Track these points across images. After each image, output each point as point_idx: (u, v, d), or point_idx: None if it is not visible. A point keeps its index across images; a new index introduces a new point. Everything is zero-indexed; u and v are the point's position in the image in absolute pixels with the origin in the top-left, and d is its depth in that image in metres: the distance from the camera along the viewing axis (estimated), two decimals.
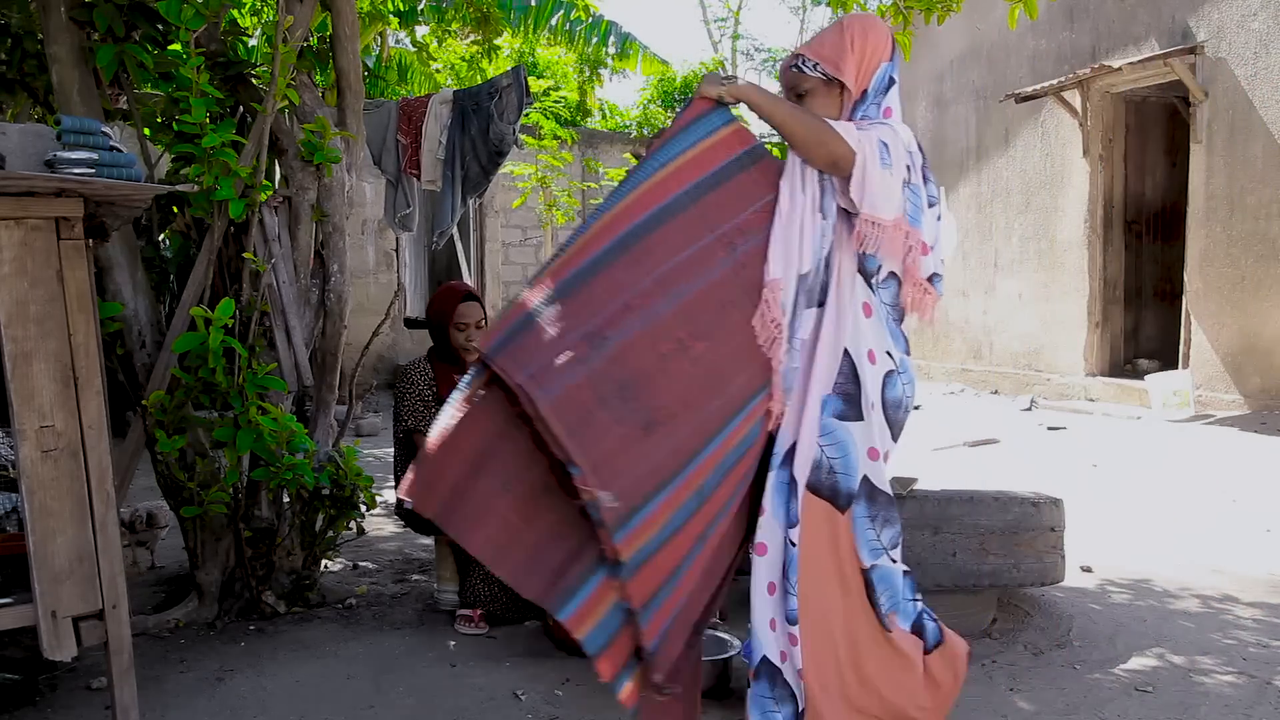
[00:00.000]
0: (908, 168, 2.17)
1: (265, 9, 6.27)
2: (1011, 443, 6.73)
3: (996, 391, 9.39)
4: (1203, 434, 6.64)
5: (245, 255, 3.13)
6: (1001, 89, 9.11)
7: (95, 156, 2.12)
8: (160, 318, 3.28)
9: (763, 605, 2.18)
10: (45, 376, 2.05)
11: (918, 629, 2.25)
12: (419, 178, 5.44)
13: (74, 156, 2.09)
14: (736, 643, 2.77)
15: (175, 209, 3.49)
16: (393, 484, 5.25)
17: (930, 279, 2.30)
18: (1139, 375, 8.23)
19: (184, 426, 2.98)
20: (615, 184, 2.13)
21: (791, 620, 2.13)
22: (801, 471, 2.12)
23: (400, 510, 3.50)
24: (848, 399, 2.15)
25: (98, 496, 2.10)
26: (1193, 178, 7.60)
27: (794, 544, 2.12)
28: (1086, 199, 8.52)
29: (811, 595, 2.14)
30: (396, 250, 10.44)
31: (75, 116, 2.37)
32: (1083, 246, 8.60)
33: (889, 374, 2.18)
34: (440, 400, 3.30)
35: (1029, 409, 8.31)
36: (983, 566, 2.92)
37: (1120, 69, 7.65)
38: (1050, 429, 7.18)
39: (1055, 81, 8.29)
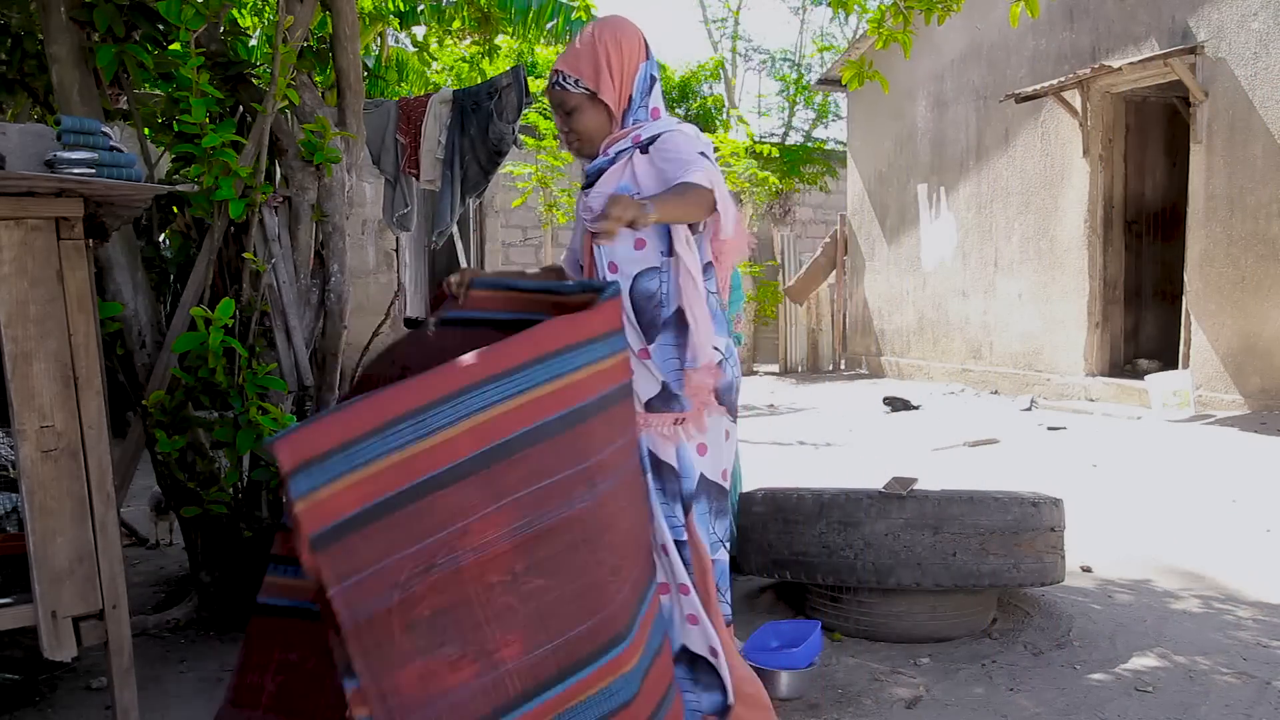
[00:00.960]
0: (713, 156, 2.22)
1: (265, 9, 6.28)
2: (1011, 443, 6.73)
3: (996, 391, 9.40)
4: (1203, 434, 6.64)
5: (245, 255, 3.13)
6: (1001, 89, 9.11)
7: (95, 156, 2.12)
8: (160, 318, 3.28)
9: (678, 601, 2.25)
10: (45, 376, 2.05)
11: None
12: (418, 177, 5.44)
13: (74, 156, 2.09)
14: (737, 642, 2.77)
15: (175, 209, 3.49)
16: None
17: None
18: (1139, 375, 8.23)
19: (184, 426, 2.98)
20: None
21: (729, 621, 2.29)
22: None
23: None
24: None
25: (98, 496, 2.10)
26: (1193, 178, 7.61)
27: (722, 559, 2.27)
28: (1086, 199, 8.52)
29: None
30: (396, 250, 10.45)
31: (75, 116, 2.37)
32: (1083, 246, 8.60)
33: (719, 365, 2.24)
34: None
35: (1029, 409, 8.31)
36: (983, 566, 2.92)
37: (1120, 69, 7.65)
38: (1050, 429, 7.18)
39: (1055, 81, 8.29)
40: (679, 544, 2.22)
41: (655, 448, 2.22)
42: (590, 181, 2.29)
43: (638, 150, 2.22)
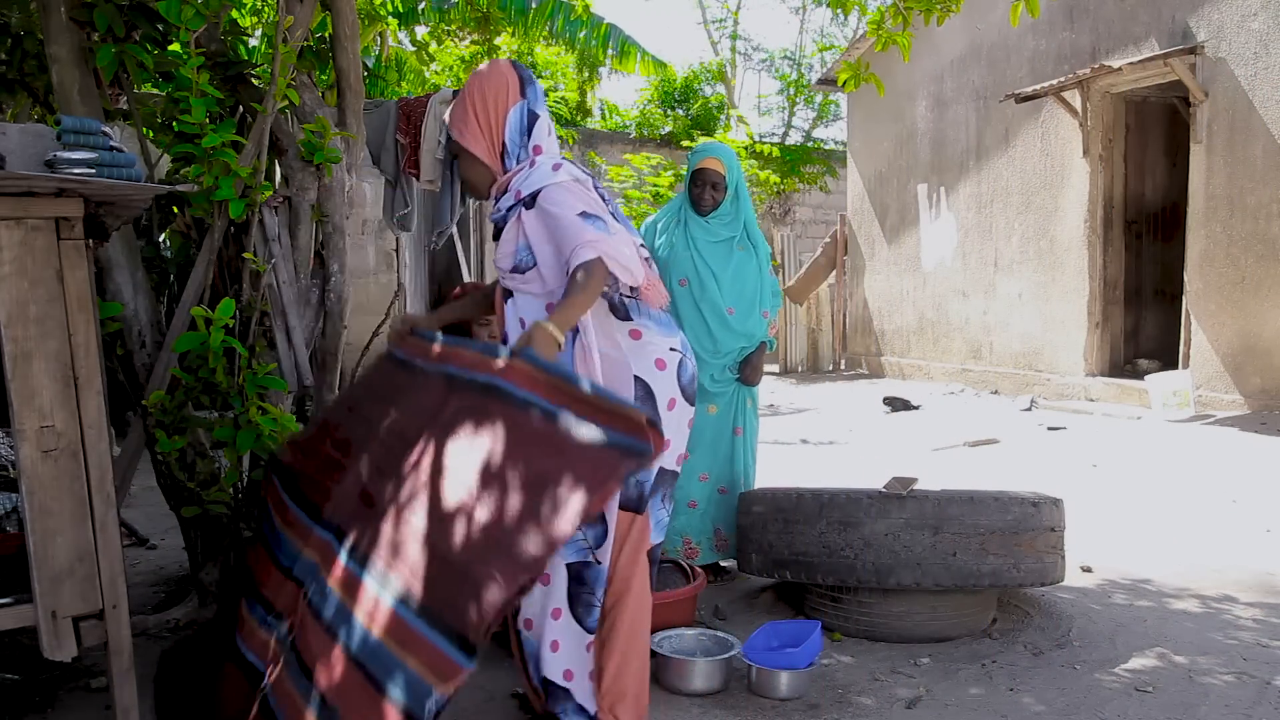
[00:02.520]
0: (594, 200, 2.27)
1: (265, 9, 6.28)
2: (1011, 443, 6.73)
3: (996, 391, 9.40)
4: (1203, 434, 6.64)
5: (245, 255, 3.13)
6: (1001, 89, 9.11)
7: (95, 156, 2.12)
8: (160, 318, 3.28)
9: (545, 628, 2.29)
10: (45, 376, 2.05)
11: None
12: (418, 177, 5.44)
13: (74, 156, 2.09)
14: (736, 642, 2.78)
15: (175, 209, 3.49)
16: None
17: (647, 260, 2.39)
18: (1139, 375, 8.23)
19: (184, 426, 2.97)
20: (613, 183, 2.23)
21: (590, 630, 2.27)
22: (613, 505, 2.24)
23: None
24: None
25: (98, 496, 2.10)
26: (1193, 178, 7.60)
27: (599, 561, 2.25)
28: (1086, 199, 8.52)
29: (624, 603, 2.29)
30: (396, 250, 10.43)
31: (75, 116, 2.37)
32: (1083, 246, 8.60)
33: (680, 362, 2.36)
34: None
35: (1029, 409, 8.31)
36: (983, 566, 2.92)
37: (1120, 69, 7.65)
38: (1050, 429, 7.18)
39: (1055, 81, 8.29)
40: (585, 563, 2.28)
41: None
42: (496, 233, 2.38)
43: (523, 207, 2.27)
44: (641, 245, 2.37)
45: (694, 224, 3.56)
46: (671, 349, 2.36)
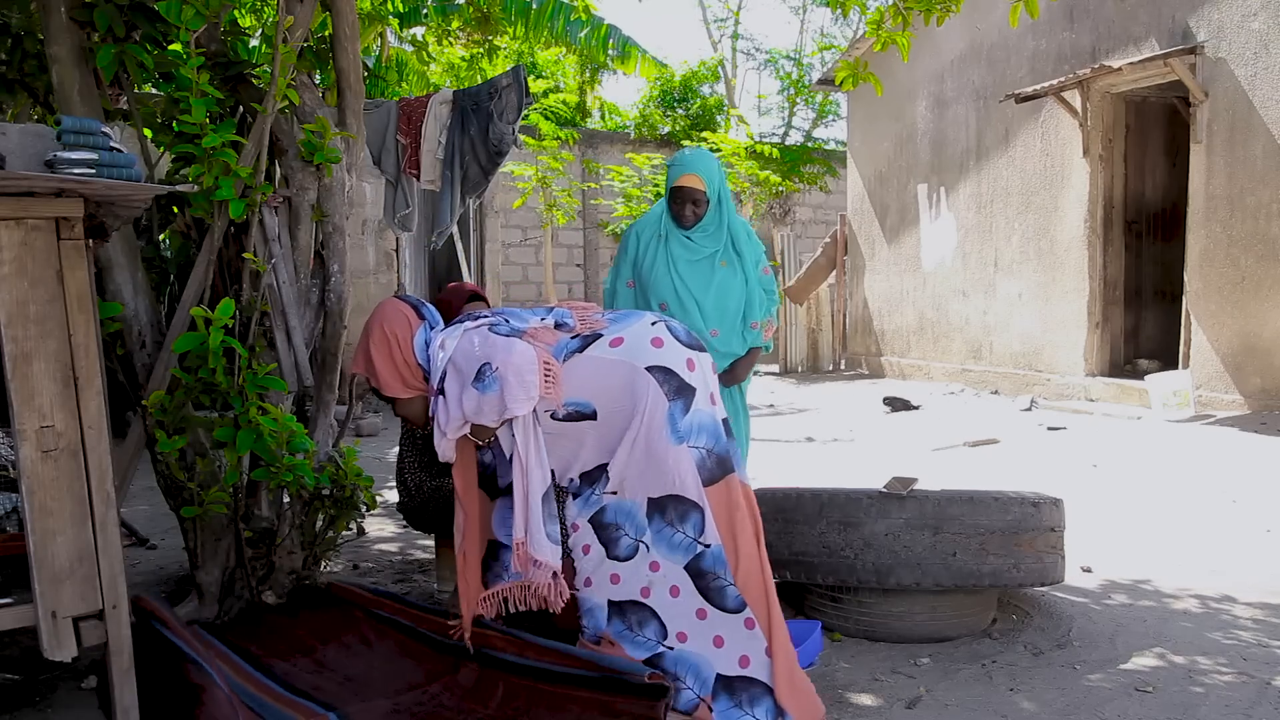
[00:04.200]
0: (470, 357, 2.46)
1: (265, 9, 6.28)
2: (1011, 443, 6.73)
3: (996, 391, 9.40)
4: (1203, 434, 6.64)
5: (245, 255, 3.13)
6: (1001, 89, 9.11)
7: (95, 156, 2.12)
8: (160, 318, 3.27)
9: (700, 631, 2.39)
10: (45, 376, 2.05)
11: None
12: (418, 177, 5.44)
13: (74, 156, 2.09)
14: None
15: (175, 209, 3.48)
16: (392, 484, 5.25)
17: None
18: (1139, 375, 8.23)
19: (184, 426, 2.97)
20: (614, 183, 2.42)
21: (738, 609, 2.36)
22: (697, 492, 2.40)
23: (401, 508, 3.51)
24: (679, 390, 2.42)
25: (98, 496, 2.10)
26: (1193, 178, 7.60)
27: (707, 545, 2.37)
28: (1086, 199, 8.52)
29: (748, 572, 2.37)
30: (396, 250, 10.45)
31: (75, 116, 2.37)
32: (1083, 246, 8.60)
33: (669, 328, 2.51)
34: None
35: (1029, 409, 8.31)
36: (983, 566, 2.92)
37: (1120, 69, 7.65)
38: (1050, 429, 7.18)
39: (1055, 81, 8.29)
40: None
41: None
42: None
43: (440, 395, 2.49)
44: (544, 317, 2.55)
45: (675, 241, 3.39)
46: (653, 324, 2.49)
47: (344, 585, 3.31)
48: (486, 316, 2.54)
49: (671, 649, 2.40)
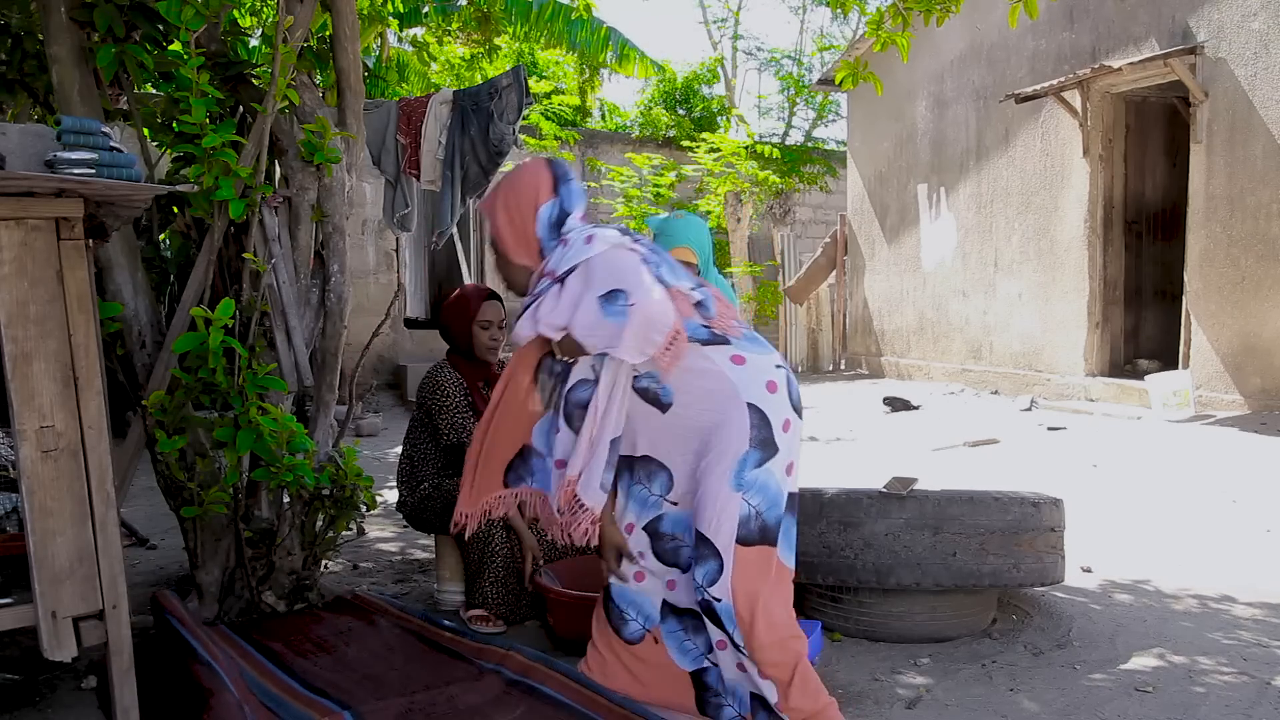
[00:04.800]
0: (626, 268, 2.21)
1: (265, 9, 6.28)
2: (1011, 443, 6.73)
3: (996, 391, 9.40)
4: (1203, 434, 6.64)
5: (245, 255, 3.13)
6: (1001, 89, 9.11)
7: (95, 156, 2.12)
8: (160, 318, 3.28)
9: (725, 660, 2.32)
10: (45, 376, 2.05)
11: None
12: (418, 178, 5.44)
13: (74, 157, 2.09)
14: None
15: (175, 209, 3.48)
16: (392, 484, 5.25)
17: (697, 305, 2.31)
18: (1139, 375, 8.22)
19: (184, 426, 2.97)
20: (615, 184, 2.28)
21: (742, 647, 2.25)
22: (726, 543, 2.20)
23: (401, 507, 3.51)
24: (764, 443, 2.23)
25: (98, 496, 2.10)
26: (1193, 178, 7.60)
27: (717, 599, 2.22)
28: (1086, 199, 8.52)
29: (769, 644, 2.22)
30: (396, 250, 10.44)
31: (75, 116, 2.37)
32: (1083, 246, 8.60)
33: (787, 379, 2.31)
34: (472, 406, 3.36)
35: (1029, 409, 8.31)
36: (983, 566, 2.92)
37: (1120, 69, 7.65)
38: (1050, 429, 7.18)
39: (1055, 81, 8.29)
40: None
41: None
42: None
43: (558, 285, 2.24)
44: (694, 288, 2.30)
45: None
46: (777, 366, 2.30)
47: (367, 597, 3.34)
48: (644, 245, 2.31)
49: (716, 665, 2.36)
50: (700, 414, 2.27)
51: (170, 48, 3.27)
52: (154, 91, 3.61)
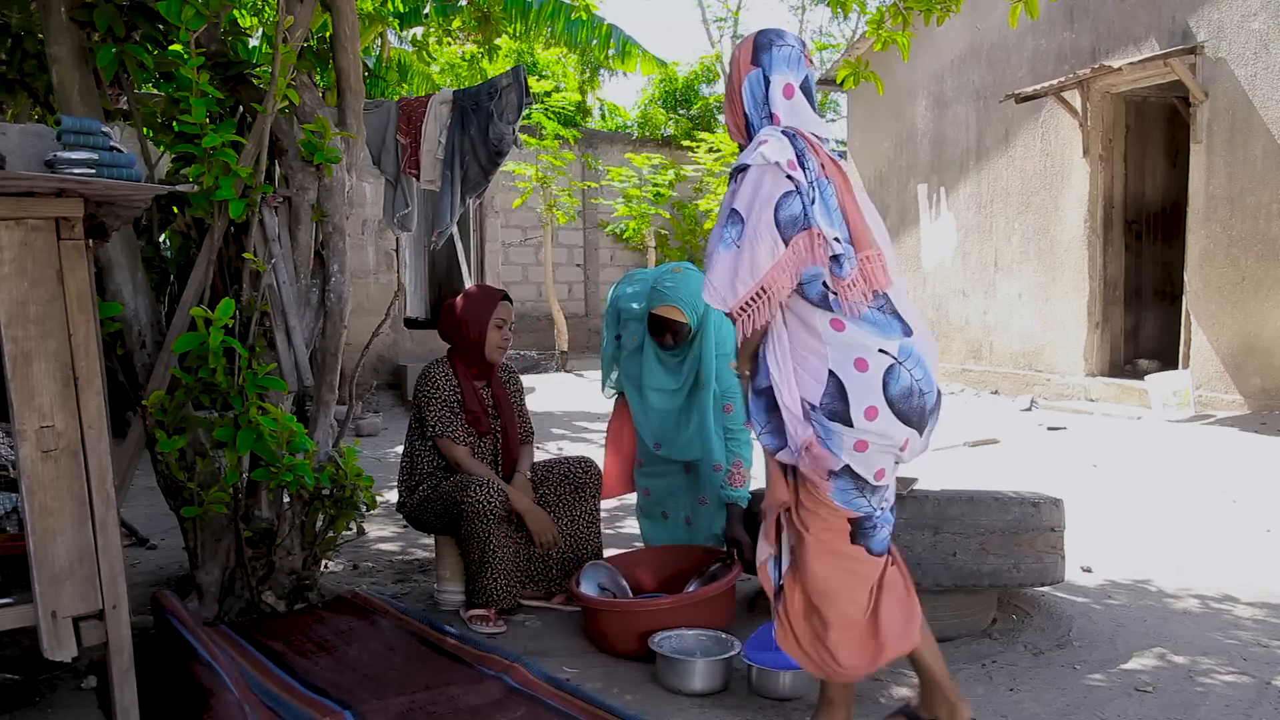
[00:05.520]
0: (762, 195, 2.07)
1: (265, 9, 6.28)
2: (1011, 443, 6.73)
3: (996, 391, 9.39)
4: (1203, 434, 6.64)
5: (245, 255, 3.13)
6: (1001, 89, 9.11)
7: (95, 156, 2.12)
8: (160, 318, 3.28)
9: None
10: (45, 376, 2.05)
11: None
12: (418, 178, 5.44)
13: (74, 156, 2.09)
14: (737, 642, 2.78)
15: (175, 209, 3.49)
16: (393, 484, 5.26)
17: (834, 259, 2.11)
18: (1139, 375, 8.22)
19: (184, 426, 2.97)
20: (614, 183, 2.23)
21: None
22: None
23: (401, 507, 3.51)
24: (835, 413, 2.12)
25: (98, 496, 2.10)
26: (1193, 178, 7.60)
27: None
28: (1086, 199, 8.52)
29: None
30: (396, 250, 10.44)
31: (75, 116, 2.37)
32: (1083, 246, 8.60)
33: (890, 369, 2.13)
34: (463, 405, 3.37)
35: (1029, 409, 8.31)
36: (983, 566, 2.92)
37: (1120, 69, 7.65)
38: (1050, 429, 7.18)
39: (1055, 81, 8.29)
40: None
41: None
42: None
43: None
44: (836, 239, 2.08)
45: (649, 358, 3.43)
46: (881, 350, 2.11)
47: (367, 597, 3.36)
48: (811, 165, 2.10)
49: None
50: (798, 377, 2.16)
51: (170, 48, 3.27)
52: (154, 91, 3.61)
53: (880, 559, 2.25)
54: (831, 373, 2.11)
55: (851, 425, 2.11)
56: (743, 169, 2.09)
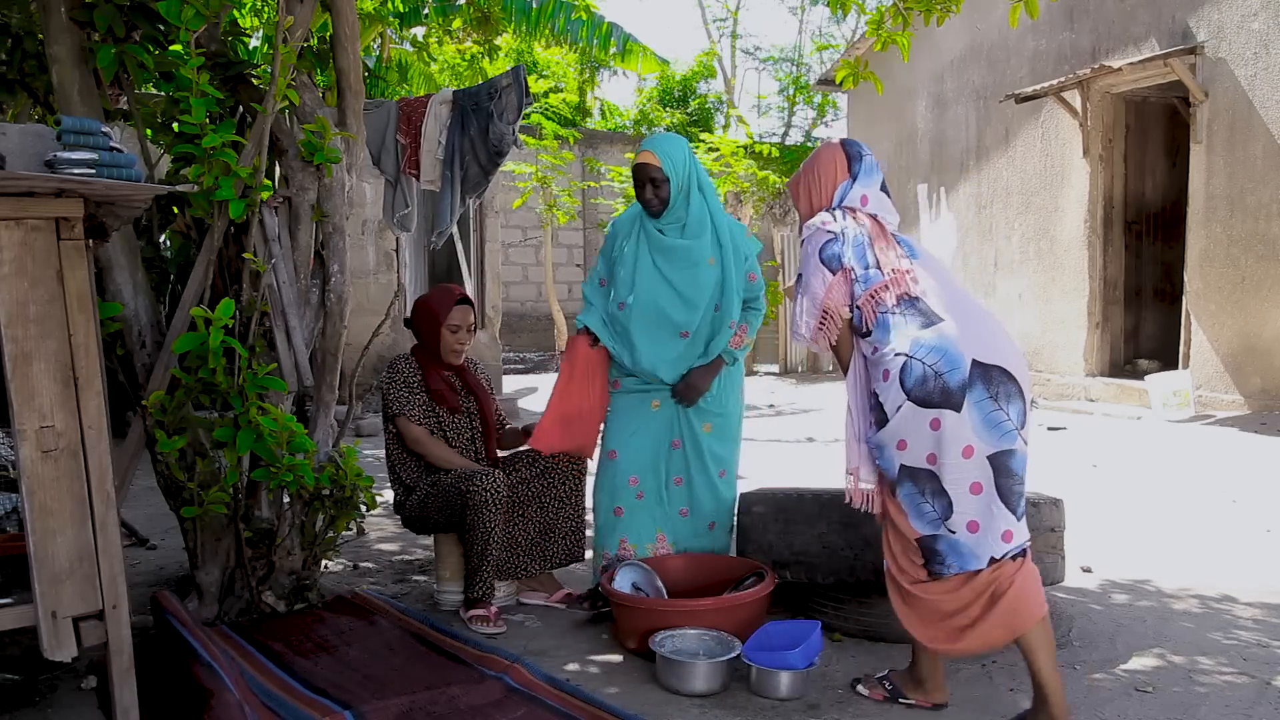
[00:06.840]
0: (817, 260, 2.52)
1: (265, 9, 6.28)
2: None
3: None
4: (1203, 434, 6.64)
5: (245, 255, 3.13)
6: (1001, 89, 9.11)
7: (95, 157, 2.12)
8: (160, 318, 3.27)
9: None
10: (45, 376, 2.05)
11: None
12: (418, 178, 5.44)
13: (74, 157, 2.09)
14: (737, 643, 2.77)
15: (175, 209, 3.48)
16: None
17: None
18: (1139, 375, 8.23)
19: (184, 426, 2.97)
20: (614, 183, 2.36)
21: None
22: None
23: (400, 509, 3.51)
24: (878, 421, 2.47)
25: (98, 496, 2.10)
26: (1193, 178, 7.60)
27: (953, 532, 2.44)
28: (1086, 199, 8.52)
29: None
30: (396, 250, 10.42)
31: (75, 117, 2.37)
32: (1083, 246, 8.60)
33: (904, 366, 2.38)
34: (427, 388, 3.41)
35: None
36: None
37: (1120, 69, 7.65)
38: (1050, 429, 7.18)
39: (1055, 81, 8.29)
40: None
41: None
42: None
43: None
44: (904, 255, 2.53)
45: (650, 234, 3.24)
46: (896, 354, 2.40)
47: (367, 597, 3.37)
48: (850, 222, 2.54)
49: (954, 533, 2.37)
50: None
51: (170, 48, 3.27)
52: (154, 91, 3.61)
53: (958, 575, 2.40)
54: (872, 393, 2.47)
55: (888, 422, 2.41)
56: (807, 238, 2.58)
